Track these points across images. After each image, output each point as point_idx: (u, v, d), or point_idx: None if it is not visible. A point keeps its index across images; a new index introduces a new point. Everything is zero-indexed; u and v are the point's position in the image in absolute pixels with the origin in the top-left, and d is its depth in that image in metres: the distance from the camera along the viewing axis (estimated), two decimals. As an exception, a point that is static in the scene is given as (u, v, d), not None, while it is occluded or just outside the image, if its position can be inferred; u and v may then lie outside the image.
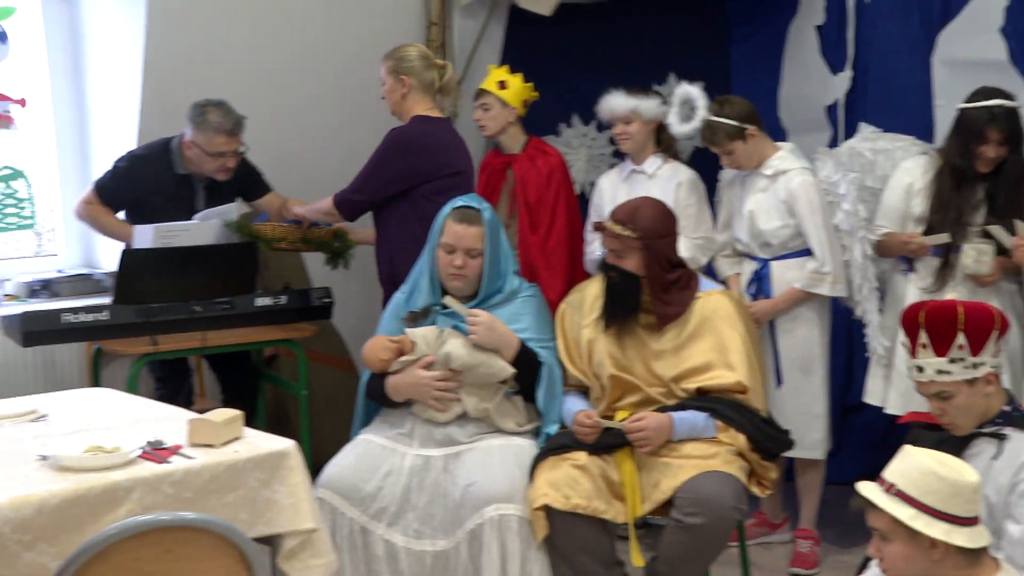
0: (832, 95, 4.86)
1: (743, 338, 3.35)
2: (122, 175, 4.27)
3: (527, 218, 4.46)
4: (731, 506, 3.12)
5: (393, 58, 4.15)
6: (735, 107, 4.03)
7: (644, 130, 4.32)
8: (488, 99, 4.46)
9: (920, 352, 2.76)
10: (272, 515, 2.72)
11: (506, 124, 4.48)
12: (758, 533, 4.31)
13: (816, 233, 3.96)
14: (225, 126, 4.18)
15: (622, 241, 3.35)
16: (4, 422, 2.98)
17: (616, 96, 4.32)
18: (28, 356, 4.40)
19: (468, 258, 3.43)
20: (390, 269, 4.13)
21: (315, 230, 4.39)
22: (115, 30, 4.61)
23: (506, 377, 3.37)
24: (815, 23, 4.92)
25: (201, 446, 2.72)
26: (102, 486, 2.46)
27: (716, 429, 3.26)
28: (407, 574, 3.27)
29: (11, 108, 4.72)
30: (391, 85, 4.14)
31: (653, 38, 5.39)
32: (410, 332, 3.46)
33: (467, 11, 5.21)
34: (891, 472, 2.29)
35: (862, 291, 3.96)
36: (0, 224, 4.76)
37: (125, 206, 4.33)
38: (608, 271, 3.41)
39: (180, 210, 4.24)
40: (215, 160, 4.22)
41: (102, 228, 4.36)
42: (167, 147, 4.29)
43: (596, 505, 3.19)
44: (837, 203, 3.97)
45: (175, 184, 4.29)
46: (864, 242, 3.92)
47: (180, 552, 2.11)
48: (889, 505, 2.25)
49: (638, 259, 3.36)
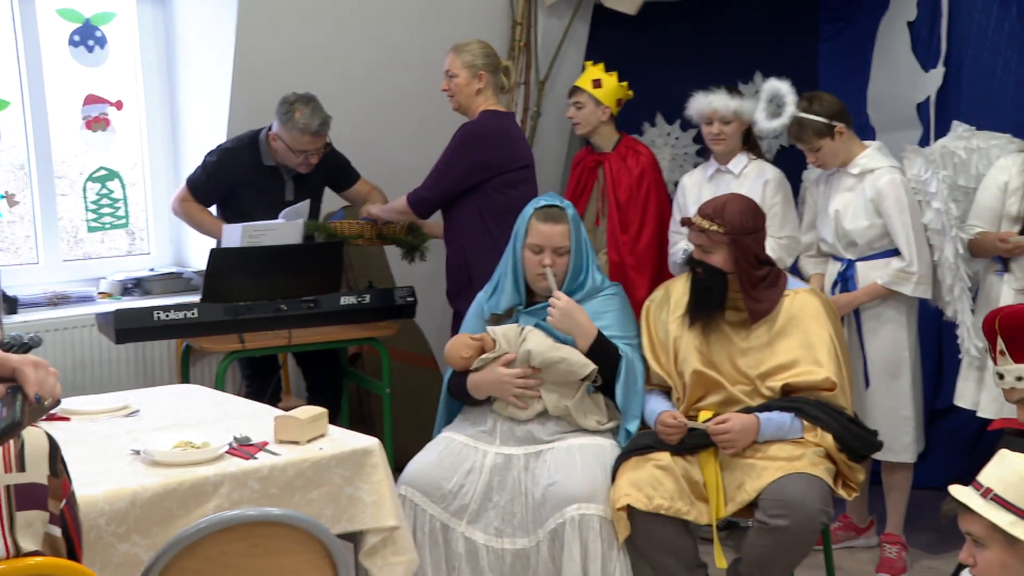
0: (923, 92, 4.76)
1: (831, 335, 3.32)
2: (212, 169, 4.35)
3: (617, 217, 4.46)
4: (817, 509, 3.07)
5: (469, 53, 4.17)
6: (824, 104, 3.96)
7: (739, 131, 4.28)
8: (582, 97, 4.47)
9: (999, 359, 2.69)
10: (355, 512, 2.75)
11: (598, 123, 4.48)
12: (843, 537, 4.24)
13: (904, 232, 3.89)
14: (311, 127, 4.22)
15: (709, 236, 3.33)
16: (98, 417, 3.06)
17: (719, 96, 4.26)
18: (121, 352, 4.51)
19: (556, 256, 3.44)
20: (461, 260, 4.17)
21: (390, 226, 4.47)
22: (207, 32, 4.70)
23: (586, 375, 3.37)
24: (907, 19, 4.83)
25: (287, 443, 2.76)
26: (191, 481, 2.51)
27: (803, 429, 3.22)
28: (487, 572, 3.29)
29: (108, 110, 4.84)
30: (466, 79, 4.17)
31: (739, 36, 5.34)
32: (491, 329, 3.47)
33: (552, 11, 5.21)
34: (987, 476, 2.23)
35: (953, 291, 3.88)
36: (95, 223, 4.87)
37: (217, 200, 4.41)
38: (694, 267, 3.39)
39: (269, 201, 4.30)
40: (297, 156, 4.28)
41: (197, 224, 4.45)
42: (255, 139, 4.36)
43: (679, 506, 3.17)
44: (927, 202, 3.89)
45: (264, 175, 4.36)
46: (956, 241, 3.83)
47: (266, 546, 2.14)
48: (986, 510, 2.18)
49: (725, 255, 3.33)
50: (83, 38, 4.72)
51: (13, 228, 4.73)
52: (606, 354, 3.39)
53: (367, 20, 4.79)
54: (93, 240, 4.94)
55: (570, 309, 3.39)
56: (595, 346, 3.39)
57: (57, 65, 4.70)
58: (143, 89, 4.88)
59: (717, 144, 4.29)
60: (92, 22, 4.74)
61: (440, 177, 4.16)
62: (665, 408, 3.35)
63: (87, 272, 4.79)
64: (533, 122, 5.31)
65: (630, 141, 4.58)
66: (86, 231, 4.88)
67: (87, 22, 4.72)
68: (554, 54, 5.27)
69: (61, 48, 4.69)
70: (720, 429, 3.20)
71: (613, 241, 4.45)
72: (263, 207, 4.27)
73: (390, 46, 4.88)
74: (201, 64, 4.77)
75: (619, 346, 3.42)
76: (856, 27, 5.10)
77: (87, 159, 4.88)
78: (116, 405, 3.14)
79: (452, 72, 4.18)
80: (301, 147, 4.25)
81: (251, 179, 4.33)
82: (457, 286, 4.23)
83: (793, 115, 4.00)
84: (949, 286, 3.89)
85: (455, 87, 4.19)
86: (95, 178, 4.85)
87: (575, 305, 3.41)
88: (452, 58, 4.20)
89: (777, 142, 5.27)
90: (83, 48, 4.73)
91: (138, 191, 4.99)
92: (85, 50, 4.73)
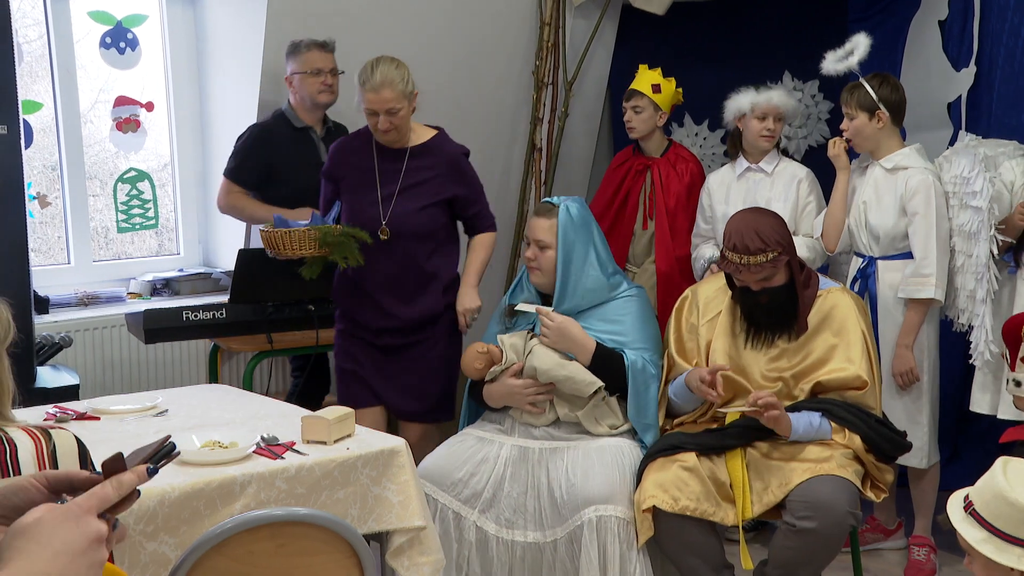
0: (955, 92, 4.72)
1: (863, 333, 3.31)
2: (247, 149, 4.39)
3: (666, 223, 4.45)
4: (845, 511, 3.06)
5: (401, 81, 3.65)
6: (886, 89, 3.95)
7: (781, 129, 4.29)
8: (642, 101, 4.44)
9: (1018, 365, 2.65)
10: (381, 512, 2.76)
11: (654, 128, 4.48)
12: (872, 539, 4.22)
13: (924, 233, 3.84)
14: (316, 41, 4.33)
15: (772, 265, 3.24)
16: (128, 416, 3.08)
17: (777, 91, 4.25)
18: (150, 352, 4.54)
19: (538, 250, 3.46)
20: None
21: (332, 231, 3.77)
22: (236, 33, 4.72)
23: (592, 392, 3.36)
24: (938, 18, 4.79)
25: (314, 443, 2.77)
26: (219, 480, 2.52)
27: (832, 431, 3.20)
28: (496, 562, 3.30)
29: (139, 112, 4.87)
30: (407, 109, 3.70)
31: (767, 36, 5.32)
32: (500, 339, 3.51)
33: (580, 11, 5.21)
34: (974, 489, 2.12)
35: (976, 295, 3.84)
36: (125, 224, 4.91)
37: (257, 179, 4.42)
38: (757, 298, 3.32)
39: (306, 167, 4.32)
40: (315, 79, 4.32)
41: (247, 215, 4.48)
42: (278, 111, 4.45)
43: (705, 507, 3.16)
44: (965, 203, 3.85)
45: (296, 141, 4.39)
46: (993, 242, 3.80)
47: (293, 546, 2.15)
48: (961, 525, 2.07)
49: (784, 272, 3.30)
50: (114, 40, 4.76)
51: (45, 229, 4.78)
52: (610, 365, 3.38)
53: (395, 22, 4.80)
54: (123, 241, 4.98)
55: (562, 328, 3.39)
56: (596, 359, 3.38)
57: (89, 67, 4.74)
58: (172, 90, 4.91)
59: (767, 141, 4.26)
60: (124, 24, 4.77)
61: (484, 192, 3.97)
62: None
63: (117, 273, 4.83)
64: (561, 123, 5.30)
65: (678, 147, 4.58)
66: (116, 232, 4.92)
67: (119, 24, 4.76)
68: (582, 55, 5.27)
69: (93, 50, 4.73)
70: (763, 395, 3.14)
71: (662, 247, 4.45)
72: (302, 173, 4.30)
73: (418, 47, 4.89)
74: (230, 66, 4.80)
75: (625, 354, 3.41)
76: (886, 27, 5.06)
77: (118, 160, 4.91)
78: (145, 405, 3.17)
79: (394, 108, 3.63)
80: (314, 65, 4.32)
81: (285, 148, 4.37)
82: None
83: (853, 68, 4.00)
84: (971, 291, 3.85)
85: (399, 120, 3.67)
86: (125, 179, 4.88)
87: (568, 322, 3.40)
88: (386, 96, 3.61)
89: (805, 142, 5.24)
90: (114, 50, 4.76)
91: (168, 192, 5.02)
92: (116, 52, 4.77)
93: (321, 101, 4.38)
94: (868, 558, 4.08)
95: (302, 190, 4.25)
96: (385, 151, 3.77)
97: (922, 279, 3.84)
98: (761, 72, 5.07)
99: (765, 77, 5.06)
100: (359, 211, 3.75)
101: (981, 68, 4.61)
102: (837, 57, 4.12)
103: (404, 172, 3.74)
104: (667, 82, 4.46)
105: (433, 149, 3.78)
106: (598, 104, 5.54)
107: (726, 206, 4.22)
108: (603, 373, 3.37)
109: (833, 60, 4.12)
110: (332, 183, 3.86)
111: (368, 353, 3.84)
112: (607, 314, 3.47)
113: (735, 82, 4.33)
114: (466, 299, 3.79)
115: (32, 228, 4.48)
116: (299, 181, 4.28)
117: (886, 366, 3.92)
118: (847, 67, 4.07)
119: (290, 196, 4.29)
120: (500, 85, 5.19)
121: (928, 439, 3.96)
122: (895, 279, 3.93)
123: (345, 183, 3.81)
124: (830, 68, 4.12)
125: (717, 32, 5.29)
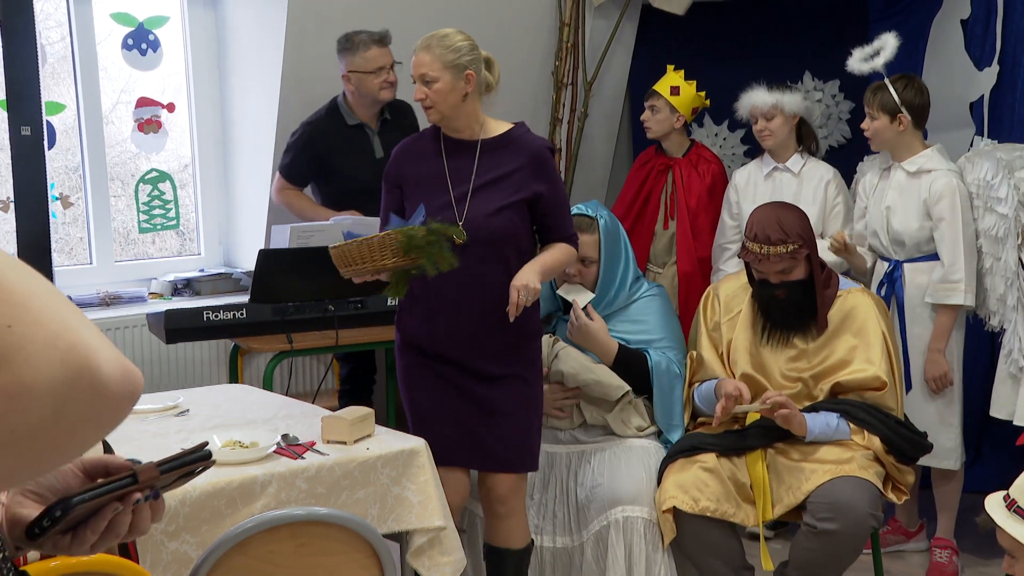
0: (977, 91, 4.69)
1: (884, 334, 3.30)
2: (300, 145, 4.39)
3: (688, 223, 4.45)
4: (867, 512, 3.05)
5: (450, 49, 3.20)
6: (910, 91, 3.92)
7: (786, 126, 4.27)
8: (658, 102, 4.47)
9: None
10: (402, 512, 2.76)
11: (671, 129, 4.50)
12: (893, 541, 4.20)
13: (952, 238, 3.82)
14: (374, 37, 4.28)
15: (791, 257, 3.26)
16: (149, 416, 3.09)
17: (757, 92, 4.27)
18: (171, 352, 4.56)
19: (582, 266, 3.42)
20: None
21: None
22: (256, 34, 4.74)
23: (619, 396, 3.36)
24: (960, 17, 4.76)
25: (334, 443, 2.78)
26: (240, 480, 2.53)
27: (850, 432, 3.19)
28: None
29: (160, 113, 4.90)
30: (450, 82, 3.14)
31: (788, 36, 5.30)
32: None
33: (600, 12, 5.20)
34: (1015, 487, 2.12)
35: (1007, 300, 3.81)
36: (147, 225, 4.93)
37: (312, 176, 4.43)
38: (774, 291, 3.32)
39: (361, 163, 4.33)
40: (376, 77, 4.29)
41: (298, 213, 4.48)
42: (332, 105, 4.42)
43: (725, 508, 3.15)
44: (989, 207, 3.81)
45: (350, 137, 4.39)
46: (1021, 250, 3.76)
47: (313, 546, 2.15)
48: (1008, 523, 2.07)
49: (804, 266, 3.30)
50: (136, 41, 4.78)
51: (67, 229, 4.80)
52: (633, 366, 3.37)
53: (414, 22, 4.79)
54: (144, 241, 5.01)
55: (587, 330, 3.36)
56: (618, 361, 3.37)
57: (111, 68, 4.76)
58: (193, 91, 4.93)
59: (765, 140, 4.31)
60: (145, 25, 4.80)
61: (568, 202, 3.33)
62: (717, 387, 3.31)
63: (138, 273, 4.85)
64: (580, 123, 5.30)
65: (700, 148, 4.60)
66: (137, 232, 4.94)
67: (140, 25, 4.78)
68: (601, 55, 5.26)
69: (115, 51, 4.75)
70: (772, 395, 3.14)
71: (684, 248, 4.45)
72: (357, 169, 4.31)
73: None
74: (251, 66, 4.81)
75: (648, 355, 3.39)
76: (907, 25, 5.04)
77: (139, 161, 4.94)
78: (166, 404, 3.18)
79: (429, 76, 3.15)
80: (375, 64, 4.28)
81: (339, 144, 4.36)
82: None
83: (878, 68, 3.99)
84: (1001, 295, 3.82)
85: (435, 94, 3.14)
86: (147, 180, 4.91)
87: (591, 327, 3.37)
88: (423, 59, 3.17)
89: (826, 142, 5.22)
90: (136, 51, 4.78)
91: (188, 193, 5.04)
92: (138, 53, 4.79)
93: (384, 98, 4.36)
94: (889, 560, 4.06)
95: (356, 186, 4.27)
96: (453, 147, 3.18)
97: (951, 285, 3.81)
98: (782, 72, 5.05)
99: (786, 77, 5.05)
100: (432, 212, 3.11)
101: (1004, 67, 4.58)
102: (863, 56, 4.10)
103: (476, 169, 3.15)
104: (688, 85, 4.46)
105: (510, 142, 3.17)
106: (617, 105, 5.53)
107: (753, 204, 4.21)
108: (627, 375, 3.36)
109: (859, 59, 4.10)
110: (395, 189, 3.24)
111: (439, 387, 3.17)
112: (631, 315, 3.46)
113: (755, 82, 4.32)
114: (525, 275, 3.04)
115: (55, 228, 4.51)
116: (353, 177, 4.30)
117: (917, 370, 3.90)
118: (871, 67, 4.05)
119: (344, 192, 4.31)
120: (520, 86, 5.19)
121: (958, 440, 3.94)
122: (923, 281, 3.90)
123: (409, 187, 3.20)
124: (856, 67, 4.10)
125: (737, 32, 5.28)
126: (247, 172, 4.91)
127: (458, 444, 3.11)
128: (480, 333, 3.09)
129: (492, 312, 3.06)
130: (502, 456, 3.13)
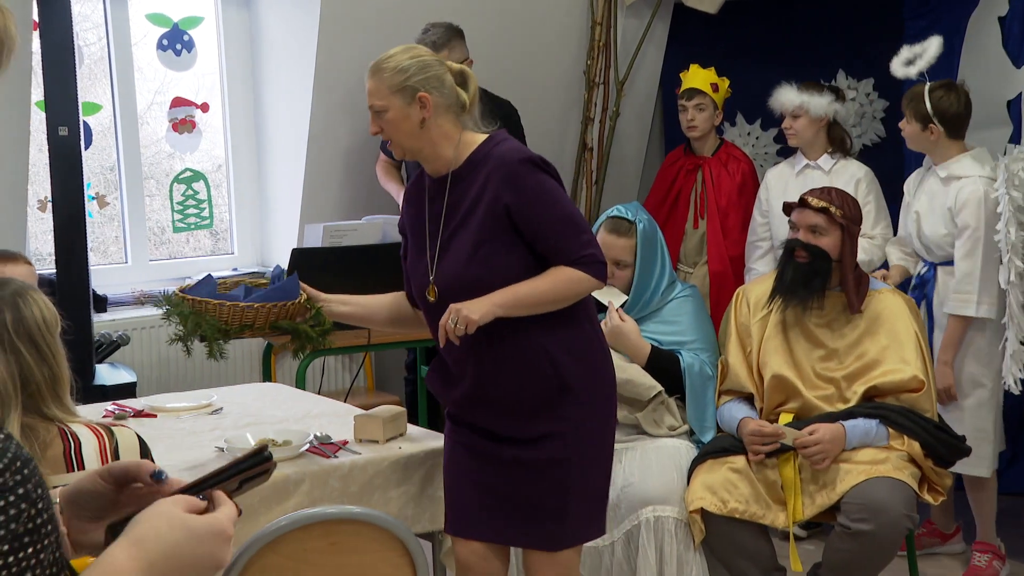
0: (1015, 89, 4.64)
1: (916, 334, 3.27)
2: None
3: (718, 222, 4.44)
4: (902, 514, 3.02)
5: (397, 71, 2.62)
6: (947, 100, 3.84)
7: (812, 127, 4.25)
8: (705, 100, 4.48)
9: None
10: (434, 511, 2.76)
11: (713, 126, 4.52)
12: (928, 543, 4.15)
13: (967, 248, 3.75)
14: (452, 30, 4.43)
15: (827, 216, 3.27)
16: (184, 414, 3.12)
17: (786, 90, 4.26)
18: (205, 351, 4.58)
19: (616, 268, 3.41)
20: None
21: (286, 307, 2.91)
22: (290, 35, 4.76)
23: (652, 396, 3.35)
24: (998, 14, 4.72)
25: (367, 442, 2.79)
26: (273, 478, 2.53)
27: (888, 437, 3.16)
28: None
29: (195, 113, 4.93)
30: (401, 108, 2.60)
31: (822, 34, 5.26)
32: None
33: (632, 10, 5.19)
34: None
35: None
36: (181, 224, 4.97)
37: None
38: (796, 249, 3.32)
39: None
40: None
41: (385, 187, 4.59)
42: None
43: (754, 510, 3.13)
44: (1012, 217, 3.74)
45: None
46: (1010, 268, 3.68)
47: (346, 544, 2.16)
48: None
49: (836, 240, 3.28)
50: (171, 42, 4.82)
51: (103, 229, 4.85)
52: (666, 367, 3.36)
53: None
54: (178, 240, 5.04)
55: (619, 331, 3.34)
56: (650, 363, 3.36)
57: (146, 69, 4.80)
58: (227, 92, 4.96)
59: (790, 138, 4.31)
60: (180, 26, 4.83)
61: (579, 220, 2.64)
62: (745, 415, 3.30)
63: (172, 272, 4.89)
64: (612, 122, 5.29)
65: (730, 147, 4.60)
66: (172, 231, 4.98)
67: (175, 26, 4.82)
68: (633, 54, 5.25)
69: (150, 52, 4.79)
70: (810, 441, 3.11)
71: (714, 247, 4.44)
72: None
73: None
74: (284, 67, 4.83)
75: (681, 356, 3.38)
76: (943, 23, 4.99)
77: (173, 161, 4.97)
78: (200, 403, 3.21)
79: (377, 105, 2.63)
80: (463, 56, 4.37)
81: None
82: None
83: (912, 75, 3.97)
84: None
85: (388, 125, 2.62)
86: (181, 179, 4.94)
87: (623, 329, 3.35)
88: (369, 86, 2.66)
89: (860, 141, 5.19)
90: (171, 52, 4.82)
91: (222, 192, 5.08)
92: (173, 54, 4.83)
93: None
94: (925, 562, 4.02)
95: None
96: (434, 186, 2.68)
97: (964, 296, 3.76)
98: (816, 70, 5.02)
99: (819, 75, 5.02)
100: (414, 273, 2.73)
101: (1042, 65, 4.53)
102: (904, 59, 4.05)
103: (446, 211, 2.63)
104: (722, 81, 4.50)
105: (479, 161, 2.61)
106: (649, 103, 5.52)
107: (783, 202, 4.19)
108: (659, 376, 3.35)
109: (900, 63, 4.06)
110: (404, 237, 2.82)
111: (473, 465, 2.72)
112: (664, 316, 3.45)
113: (788, 81, 4.31)
114: (474, 304, 2.50)
115: (91, 228, 4.55)
116: None
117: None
118: (906, 74, 4.00)
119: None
120: (551, 85, 5.19)
121: (993, 447, 3.89)
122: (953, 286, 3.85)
123: (406, 238, 2.80)
124: (897, 71, 4.06)
125: (770, 30, 5.25)
126: (280, 171, 4.93)
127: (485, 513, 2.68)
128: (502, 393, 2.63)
129: (511, 369, 2.60)
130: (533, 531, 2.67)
